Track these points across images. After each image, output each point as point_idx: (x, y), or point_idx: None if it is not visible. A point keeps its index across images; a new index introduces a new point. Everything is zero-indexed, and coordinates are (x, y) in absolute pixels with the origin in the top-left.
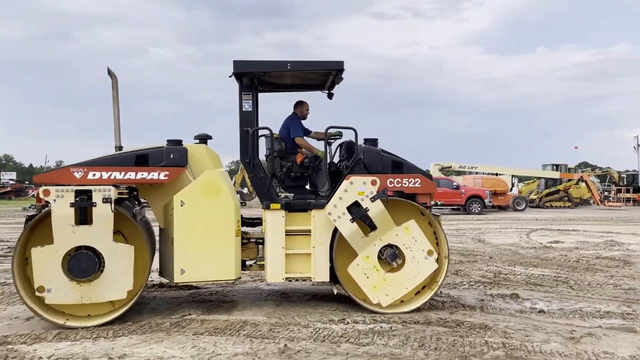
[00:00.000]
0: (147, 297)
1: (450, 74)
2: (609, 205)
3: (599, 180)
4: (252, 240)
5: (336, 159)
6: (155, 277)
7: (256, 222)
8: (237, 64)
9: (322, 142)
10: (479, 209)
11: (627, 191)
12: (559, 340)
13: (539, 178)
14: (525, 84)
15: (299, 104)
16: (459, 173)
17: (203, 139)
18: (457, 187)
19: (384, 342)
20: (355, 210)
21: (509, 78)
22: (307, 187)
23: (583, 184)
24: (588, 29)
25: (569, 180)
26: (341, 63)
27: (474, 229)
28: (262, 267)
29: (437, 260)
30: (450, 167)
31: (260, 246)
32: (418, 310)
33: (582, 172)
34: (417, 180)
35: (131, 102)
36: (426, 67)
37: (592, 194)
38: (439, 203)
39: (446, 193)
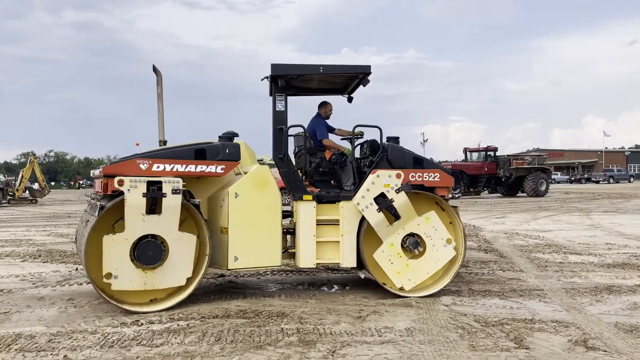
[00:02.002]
0: None
1: (263, 69)
2: None
3: None
4: (282, 230)
5: (356, 155)
6: None
7: (285, 213)
8: (275, 67)
9: (345, 139)
10: (289, 200)
11: None
12: (348, 320)
13: None
14: None
15: (323, 105)
16: (271, 166)
17: (229, 136)
18: None
19: (180, 340)
20: (382, 201)
21: None
22: (332, 181)
23: None
24: (386, 35)
25: None
26: (368, 67)
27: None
28: (291, 255)
29: (455, 247)
30: (262, 160)
31: (289, 236)
32: (435, 294)
33: None
34: (437, 175)
35: None
36: (241, 60)
37: None
38: None
39: None
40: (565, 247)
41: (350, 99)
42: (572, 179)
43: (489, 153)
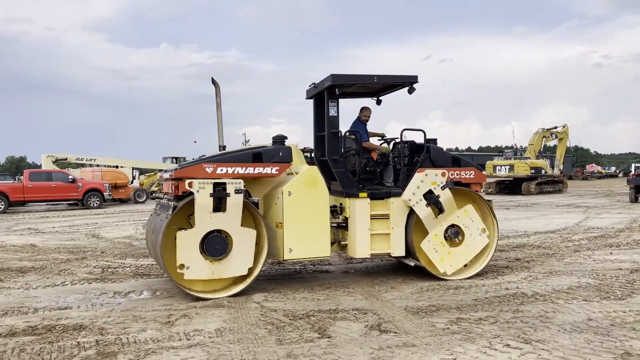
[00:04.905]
0: None
1: (69, 59)
2: None
3: None
4: (332, 224)
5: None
6: None
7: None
8: (335, 77)
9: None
10: (98, 202)
11: None
12: (155, 326)
13: (160, 170)
14: (149, 78)
15: (362, 110)
16: (77, 165)
17: (280, 140)
18: (74, 181)
19: None
20: (430, 197)
21: (133, 70)
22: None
23: None
24: (206, 32)
25: None
26: (416, 77)
27: (90, 224)
28: (342, 247)
29: (488, 236)
30: (67, 159)
31: (336, 229)
32: (475, 276)
33: None
34: (472, 172)
35: None
36: (41, 48)
37: None
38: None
39: (61, 187)
40: None
41: (379, 102)
42: None
43: (305, 154)
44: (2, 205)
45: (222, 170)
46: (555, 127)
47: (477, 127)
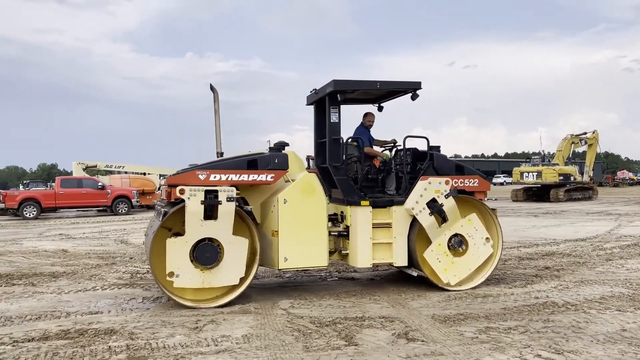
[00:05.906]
0: None
1: (98, 69)
2: None
3: None
4: (332, 233)
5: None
6: None
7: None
8: (337, 82)
9: (386, 148)
10: (126, 209)
11: None
12: (183, 332)
13: None
14: (175, 86)
15: (366, 115)
16: (106, 172)
17: (279, 147)
18: (103, 188)
19: None
20: (433, 206)
21: (159, 79)
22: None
23: None
24: (230, 41)
25: None
26: (419, 83)
27: (119, 230)
28: (343, 256)
29: (492, 245)
30: (96, 167)
31: (337, 238)
32: (477, 287)
33: None
34: (476, 181)
35: None
36: (71, 58)
37: None
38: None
39: (90, 194)
40: None
41: (380, 108)
42: None
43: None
44: (34, 211)
45: (215, 177)
46: (585, 133)
47: (503, 133)
